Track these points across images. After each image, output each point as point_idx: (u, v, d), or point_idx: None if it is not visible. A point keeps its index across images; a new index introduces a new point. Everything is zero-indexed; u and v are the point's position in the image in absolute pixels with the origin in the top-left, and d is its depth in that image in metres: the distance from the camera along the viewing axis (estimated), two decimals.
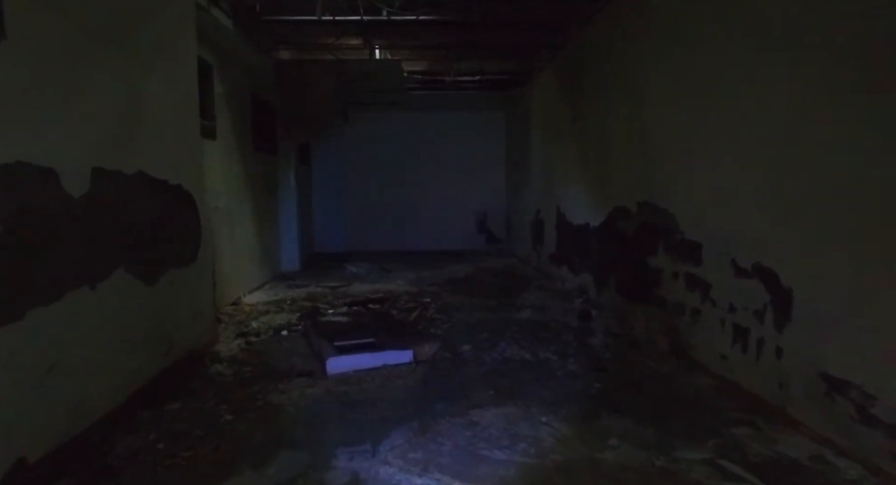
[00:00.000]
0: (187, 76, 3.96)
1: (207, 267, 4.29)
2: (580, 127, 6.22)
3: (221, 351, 4.24)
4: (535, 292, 6.63)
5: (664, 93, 4.07)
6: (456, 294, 6.58)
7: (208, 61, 5.41)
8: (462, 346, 4.34)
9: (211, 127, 5.49)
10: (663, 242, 4.11)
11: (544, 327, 4.92)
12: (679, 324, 3.83)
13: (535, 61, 7.68)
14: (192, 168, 4.01)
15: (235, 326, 5.12)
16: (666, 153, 4.05)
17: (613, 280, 5.22)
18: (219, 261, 5.64)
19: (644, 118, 4.45)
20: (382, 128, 11.11)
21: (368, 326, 4.77)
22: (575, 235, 6.52)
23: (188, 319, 3.86)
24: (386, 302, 6.04)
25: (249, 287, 6.69)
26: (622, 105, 4.93)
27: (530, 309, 5.70)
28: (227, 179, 5.98)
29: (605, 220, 5.45)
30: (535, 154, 8.60)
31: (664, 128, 4.08)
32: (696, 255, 3.60)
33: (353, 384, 3.52)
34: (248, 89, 6.77)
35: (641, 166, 4.49)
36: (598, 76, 5.54)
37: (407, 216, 11.39)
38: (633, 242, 4.73)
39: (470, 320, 5.25)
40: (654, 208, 4.25)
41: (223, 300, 5.72)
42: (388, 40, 6.98)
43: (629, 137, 4.78)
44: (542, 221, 8.17)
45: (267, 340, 4.63)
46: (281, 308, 5.94)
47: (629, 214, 4.80)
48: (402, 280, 7.68)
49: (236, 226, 6.27)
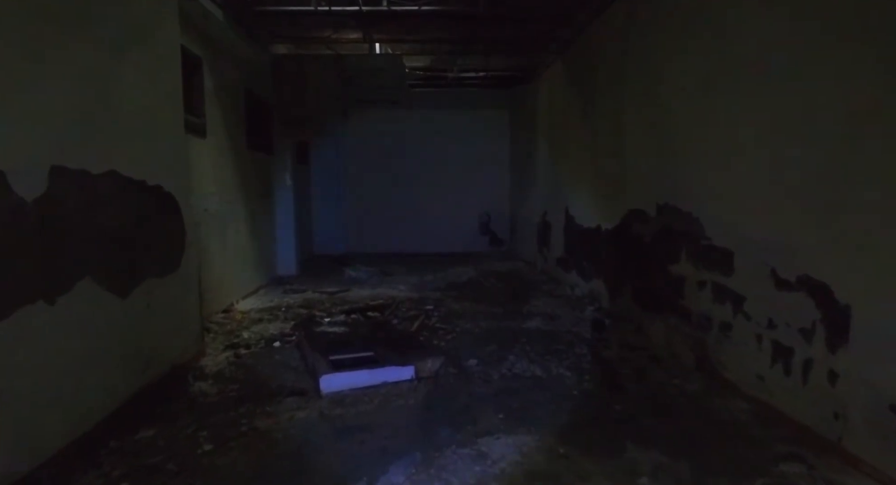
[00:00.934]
0: (169, 67, 3.63)
1: (193, 275, 3.97)
2: (591, 124, 5.89)
3: (208, 366, 3.91)
4: (543, 299, 6.30)
5: (689, 84, 3.73)
6: (460, 300, 6.25)
7: (197, 54, 5.09)
8: (468, 360, 4.01)
9: (200, 124, 5.17)
10: (686, 249, 3.78)
11: (555, 338, 4.59)
12: (706, 338, 3.49)
13: (543, 56, 7.35)
14: (175, 167, 3.68)
15: (225, 336, 4.79)
16: (691, 151, 3.72)
17: (629, 288, 4.88)
18: (209, 266, 5.32)
19: (665, 113, 4.12)
20: (383, 127, 10.78)
21: (366, 337, 4.45)
22: (585, 239, 6.18)
23: (170, 333, 3.54)
24: (386, 309, 5.71)
25: (243, 293, 6.37)
26: (640, 99, 4.59)
27: (539, 317, 5.37)
28: (218, 179, 5.66)
29: (619, 223, 5.12)
30: (541, 153, 8.27)
31: (689, 123, 3.74)
32: (726, 263, 3.26)
33: (348, 406, 3.19)
34: (242, 85, 6.44)
35: (662, 166, 4.16)
36: (613, 69, 5.21)
37: (408, 218, 11.06)
38: (651, 248, 4.39)
39: (475, 330, 4.92)
40: (676, 211, 3.92)
41: (213, 308, 5.40)
42: (388, 34, 6.65)
43: (647, 133, 4.44)
44: (549, 224, 7.84)
45: (258, 352, 4.31)
46: (275, 316, 5.62)
47: (647, 218, 4.46)
48: (403, 285, 7.36)
49: (228, 229, 5.95)
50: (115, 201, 2.92)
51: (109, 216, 2.87)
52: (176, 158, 3.71)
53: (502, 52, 7.44)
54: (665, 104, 4.09)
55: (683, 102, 3.80)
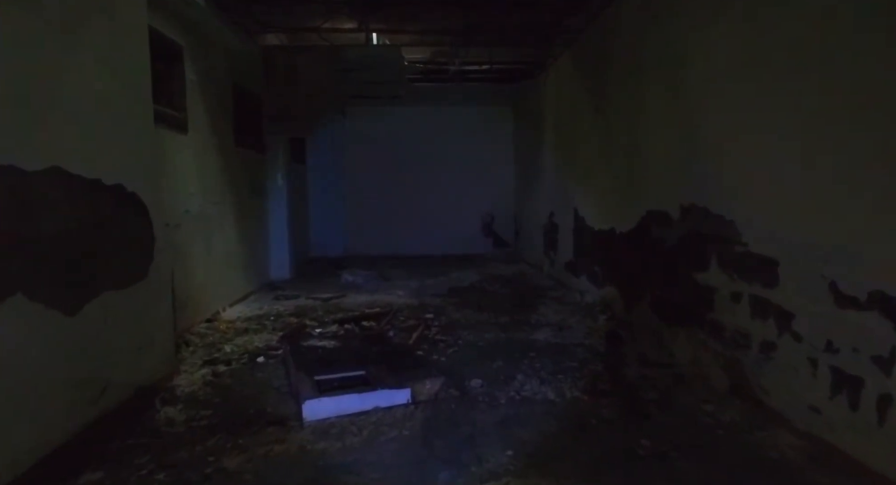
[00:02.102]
0: (132, 50, 3.22)
1: (164, 284, 3.56)
2: (604, 118, 5.46)
3: (181, 386, 3.50)
4: (551, 306, 5.87)
5: (721, 70, 3.30)
6: (462, 308, 5.83)
7: (177, 42, 4.68)
8: (471, 379, 3.59)
9: (180, 118, 4.76)
10: (717, 255, 3.35)
11: (567, 353, 4.16)
12: (742, 358, 3.06)
13: (550, 47, 6.92)
14: (141, 164, 3.27)
15: (206, 349, 4.38)
16: (725, 145, 3.28)
17: (647, 296, 4.45)
18: (190, 273, 4.92)
19: (693, 103, 3.69)
20: (382, 124, 10.38)
21: (359, 352, 4.03)
22: (597, 242, 5.75)
23: (134, 351, 3.13)
24: (382, 318, 5.30)
25: (230, 300, 5.96)
26: (661, 89, 4.17)
27: (548, 328, 4.95)
28: (201, 178, 5.25)
29: (635, 225, 4.69)
30: (548, 151, 7.84)
31: (722, 113, 3.31)
32: (768, 273, 2.83)
33: (333, 438, 2.77)
34: (230, 78, 6.03)
35: (688, 163, 3.73)
36: (629, 58, 4.78)
37: (409, 218, 10.65)
38: (674, 254, 3.96)
39: (479, 343, 4.50)
40: (705, 213, 3.49)
41: (195, 317, 5.00)
42: (385, 23, 6.24)
43: (670, 127, 4.01)
44: (557, 225, 7.41)
45: (239, 369, 3.90)
46: (262, 325, 5.21)
47: (669, 220, 4.03)
48: (402, 290, 6.94)
49: (214, 232, 5.54)
50: (61, 204, 2.51)
51: (53, 220, 2.46)
52: (142, 153, 3.29)
53: (506, 44, 7.01)
54: (692, 94, 3.66)
55: (715, 91, 3.36)
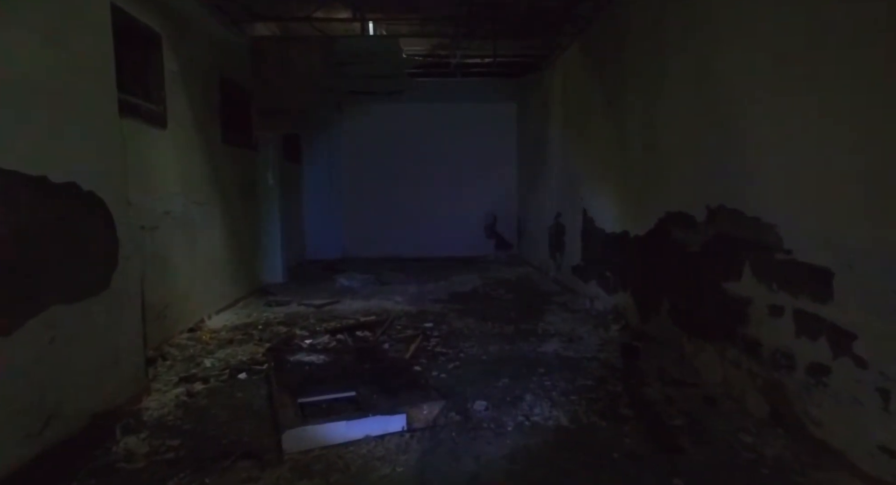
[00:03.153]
0: (90, 31, 2.84)
1: (132, 295, 3.18)
2: (617, 113, 5.07)
3: (150, 409, 3.13)
4: (559, 314, 5.49)
5: (768, 44, 2.91)
6: (464, 316, 5.45)
7: (153, 29, 4.31)
8: (474, 401, 3.21)
9: (158, 112, 4.39)
10: (752, 263, 2.96)
11: (579, 369, 3.78)
12: (786, 381, 2.68)
13: (557, 37, 6.53)
14: (101, 160, 2.89)
15: (184, 363, 4.01)
16: (766, 136, 2.89)
17: (665, 305, 4.07)
18: (171, 279, 4.55)
19: (725, 93, 3.31)
20: (381, 121, 10.00)
21: (350, 369, 3.65)
22: (608, 246, 5.37)
23: (92, 372, 2.75)
24: (378, 327, 4.92)
25: (217, 306, 5.59)
26: (685, 78, 3.78)
27: (557, 339, 4.57)
28: (184, 177, 4.87)
29: (652, 228, 4.31)
30: (554, 148, 7.45)
31: (761, 103, 2.93)
32: (819, 285, 2.45)
33: (316, 476, 2.40)
34: (217, 71, 5.66)
35: (717, 159, 3.34)
36: (647, 42, 4.39)
37: (409, 219, 10.28)
38: (698, 260, 3.58)
39: (483, 357, 4.12)
40: (737, 215, 3.10)
41: (176, 327, 4.63)
42: (382, 13, 5.87)
43: (696, 120, 3.63)
44: (564, 227, 7.03)
45: (218, 387, 3.52)
46: (249, 335, 4.83)
47: (692, 222, 3.65)
48: (400, 296, 6.57)
49: (199, 234, 5.17)
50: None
51: None
52: (103, 148, 2.91)
53: (511, 35, 6.63)
54: (726, 78, 3.27)
55: (756, 74, 2.97)
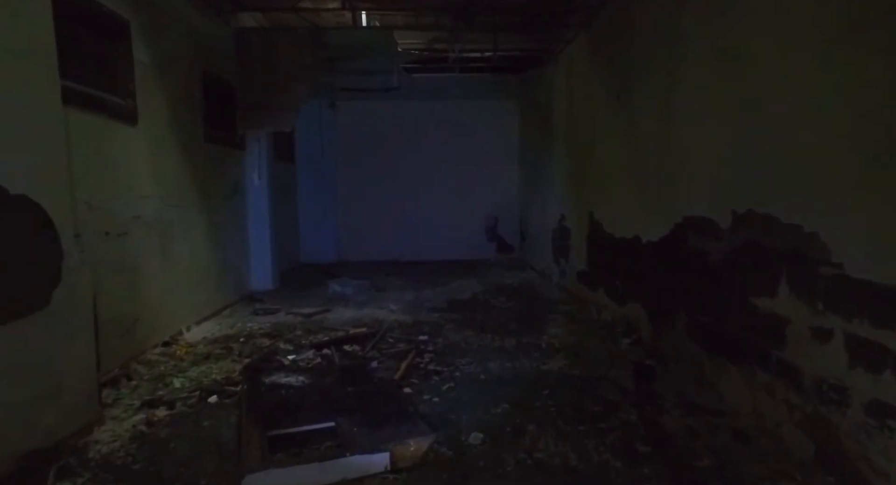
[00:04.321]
0: (26, 7, 2.46)
1: (81, 313, 2.81)
2: (627, 106, 4.68)
3: (99, 443, 2.75)
4: (564, 325, 5.10)
5: (814, 21, 2.52)
6: (462, 327, 5.06)
7: (120, 15, 3.94)
8: (470, 432, 2.83)
9: (126, 106, 4.01)
10: (790, 277, 2.57)
11: (588, 391, 3.39)
12: (836, 419, 2.29)
13: (561, 30, 6.14)
14: (37, 160, 2.52)
15: (151, 384, 3.64)
16: (804, 126, 2.50)
17: (683, 319, 3.68)
18: (142, 289, 4.18)
19: (756, 81, 2.91)
20: (377, 119, 9.61)
21: (331, 393, 3.26)
22: (618, 251, 4.97)
23: (22, 406, 2.38)
24: (368, 341, 4.54)
25: (198, 316, 5.22)
26: (708, 60, 3.39)
27: (562, 354, 4.18)
28: (158, 178, 4.50)
29: (668, 233, 3.91)
30: (558, 147, 7.06)
31: (804, 93, 2.53)
32: (880, 307, 2.06)
33: None
34: (198, 63, 5.29)
35: (745, 156, 2.95)
36: (662, 28, 4.00)
37: (406, 221, 9.90)
38: (722, 271, 3.18)
39: (481, 376, 3.74)
40: (771, 222, 2.71)
41: (148, 341, 4.26)
42: (374, 2, 5.48)
43: (721, 109, 3.24)
44: (568, 230, 6.63)
45: (183, 414, 3.15)
46: (228, 349, 4.46)
47: (714, 228, 3.26)
48: (395, 304, 6.19)
49: (175, 239, 4.80)
50: None
51: None
52: (40, 145, 2.54)
53: (512, 27, 6.24)
54: (755, 69, 2.88)
55: (793, 63, 2.58)
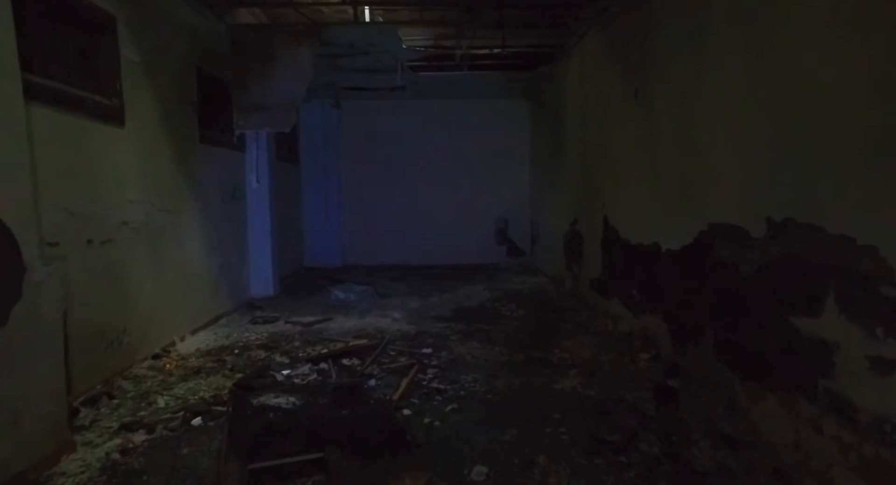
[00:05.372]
0: None
1: (47, 331, 2.56)
2: (645, 102, 4.37)
3: (65, 476, 2.50)
4: (576, 337, 4.80)
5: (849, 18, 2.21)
6: (468, 338, 4.78)
7: (103, 9, 3.70)
8: (472, 464, 2.55)
9: (112, 107, 3.79)
10: (838, 296, 2.26)
11: (604, 416, 3.09)
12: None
13: (572, 25, 5.84)
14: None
15: (133, 403, 3.40)
16: (861, 131, 2.19)
17: (709, 336, 3.36)
18: (129, 299, 3.96)
19: (797, 74, 2.60)
20: (383, 119, 9.37)
21: (323, 416, 2.98)
22: (634, 259, 4.66)
23: None
24: (368, 354, 4.27)
25: (192, 326, 4.99)
26: (739, 49, 3.08)
27: (576, 371, 3.88)
28: (149, 181, 4.28)
29: (691, 242, 3.60)
30: (571, 147, 6.75)
31: (851, 85, 2.22)
32: None
33: None
34: (192, 61, 5.06)
35: (785, 158, 2.63)
36: (684, 17, 3.69)
37: (414, 224, 9.63)
38: (755, 284, 2.87)
39: (487, 395, 3.46)
40: (815, 232, 2.40)
41: (137, 355, 4.03)
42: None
43: (753, 104, 2.92)
44: (581, 234, 6.32)
45: (163, 439, 2.90)
46: (221, 362, 4.22)
47: (745, 238, 2.94)
48: (399, 312, 5.92)
49: (167, 246, 4.57)
50: None
51: None
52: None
53: (521, 23, 5.94)
54: (797, 58, 2.56)
55: (844, 51, 2.26)
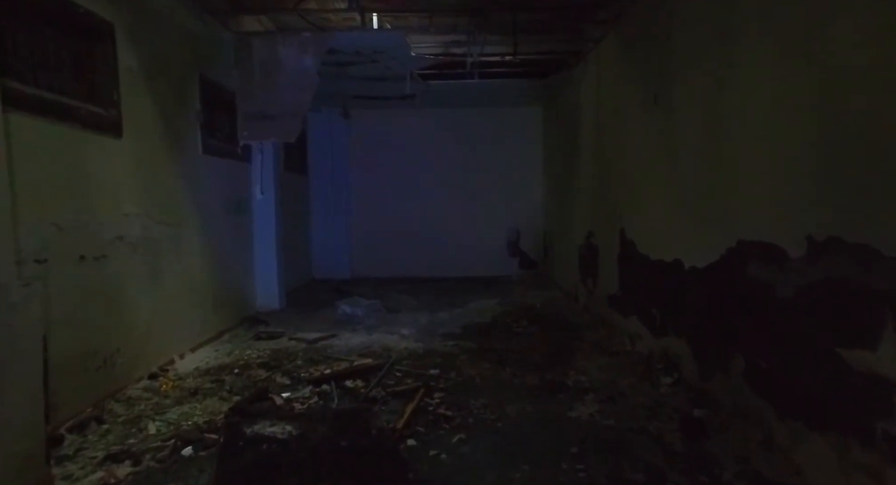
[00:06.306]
0: None
1: (23, 359, 2.39)
2: (665, 111, 4.13)
3: None
4: (593, 357, 4.54)
5: None
6: (479, 359, 4.54)
7: (99, 15, 3.57)
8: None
9: (108, 117, 3.64)
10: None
11: (625, 450, 2.84)
12: None
13: (589, 27, 5.63)
14: None
15: (123, 429, 3.21)
16: None
17: (739, 363, 3.09)
18: (124, 317, 3.80)
19: (838, 63, 2.35)
20: (393, 129, 9.23)
21: (321, 448, 2.76)
22: (654, 275, 4.40)
23: None
24: (373, 375, 4.05)
25: (192, 343, 4.82)
26: (771, 51, 2.84)
27: (593, 396, 3.63)
28: (147, 194, 4.13)
29: (718, 259, 3.34)
30: (585, 156, 6.52)
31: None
32: None
33: None
34: (195, 70, 4.93)
35: (826, 167, 2.38)
36: (711, 21, 3.46)
37: (424, 236, 9.43)
38: (794, 310, 2.61)
39: (497, 424, 3.22)
40: (867, 253, 2.14)
41: (132, 374, 3.86)
42: (383, 2, 5.06)
43: (790, 111, 2.68)
44: (596, 248, 6.07)
45: (150, 471, 2.70)
46: (220, 382, 4.03)
47: (781, 257, 2.69)
48: (407, 328, 5.70)
49: (166, 260, 4.41)
50: None
51: None
52: None
53: (535, 28, 5.76)
54: (838, 58, 2.32)
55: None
